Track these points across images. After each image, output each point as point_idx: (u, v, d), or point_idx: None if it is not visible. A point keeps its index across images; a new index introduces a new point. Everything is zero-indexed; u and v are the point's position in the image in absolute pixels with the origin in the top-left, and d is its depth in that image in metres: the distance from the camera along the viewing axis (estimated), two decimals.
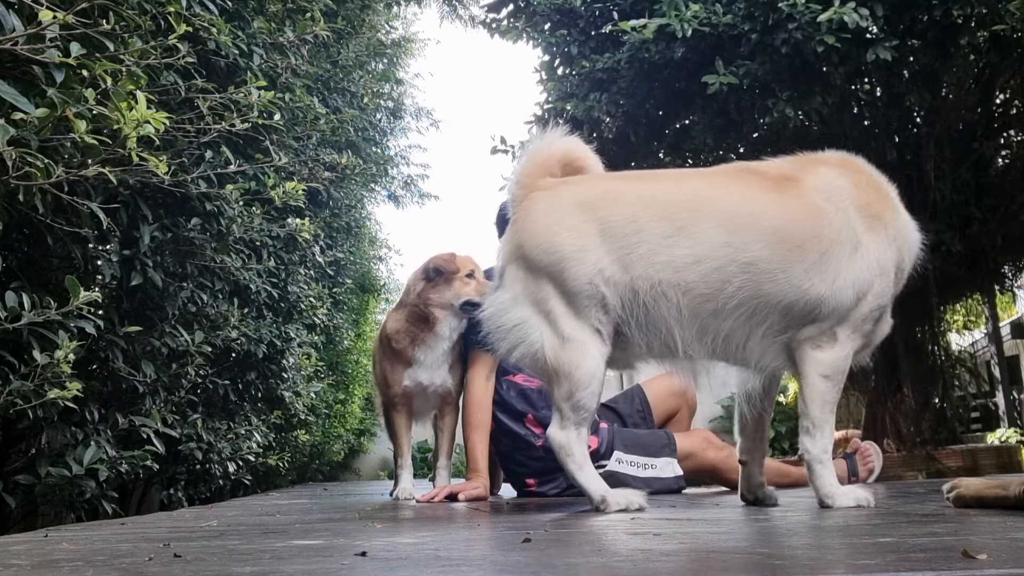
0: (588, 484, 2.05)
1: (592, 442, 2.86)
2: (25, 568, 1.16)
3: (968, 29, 4.21)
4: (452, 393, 3.32)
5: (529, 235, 2.09)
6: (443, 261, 3.25)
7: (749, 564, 1.03)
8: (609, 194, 2.13)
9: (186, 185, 2.56)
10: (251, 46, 2.99)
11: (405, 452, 3.35)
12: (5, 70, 1.80)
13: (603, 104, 4.61)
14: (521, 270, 2.09)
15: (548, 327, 2.05)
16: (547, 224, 2.08)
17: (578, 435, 2.05)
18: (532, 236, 2.08)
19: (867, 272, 1.99)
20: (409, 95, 10.90)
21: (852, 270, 1.98)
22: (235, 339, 3.54)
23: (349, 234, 6.94)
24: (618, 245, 2.02)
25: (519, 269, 2.09)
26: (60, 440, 2.46)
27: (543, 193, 2.14)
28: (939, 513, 1.70)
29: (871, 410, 5.52)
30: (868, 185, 2.10)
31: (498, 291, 2.13)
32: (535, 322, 2.06)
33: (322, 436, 7.99)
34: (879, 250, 2.02)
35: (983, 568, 0.90)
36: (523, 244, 2.09)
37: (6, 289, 1.95)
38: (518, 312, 2.07)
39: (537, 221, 2.10)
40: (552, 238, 2.06)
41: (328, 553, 1.26)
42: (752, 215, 2.02)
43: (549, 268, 2.05)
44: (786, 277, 1.97)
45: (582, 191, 2.14)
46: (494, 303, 2.12)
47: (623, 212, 2.05)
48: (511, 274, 2.11)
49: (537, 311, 2.06)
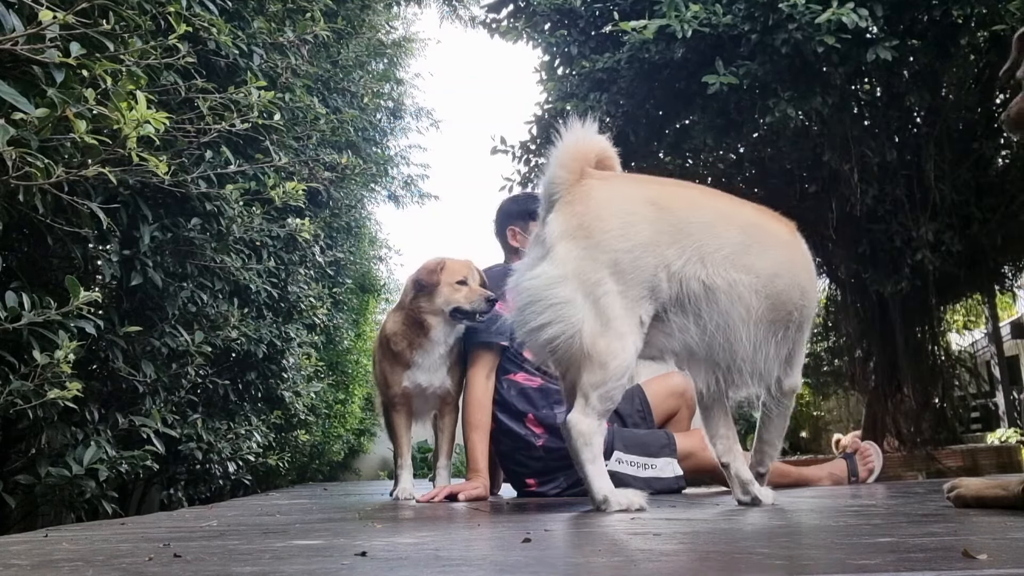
0: (595, 479, 2.02)
1: None
2: (25, 568, 1.16)
3: (968, 29, 4.21)
4: (452, 394, 3.32)
5: (597, 219, 2.08)
6: (425, 274, 3.22)
7: (749, 564, 1.02)
8: (683, 198, 2.26)
9: (186, 185, 2.56)
10: (251, 46, 2.99)
11: (405, 452, 3.35)
12: (5, 70, 1.80)
13: (603, 104, 4.61)
14: (580, 249, 2.06)
15: (593, 311, 2.02)
16: (621, 213, 2.11)
17: (599, 426, 2.02)
18: (602, 221, 2.08)
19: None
20: (409, 95, 10.92)
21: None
22: (235, 339, 3.54)
23: (349, 234, 6.95)
24: (695, 243, 2.11)
25: (577, 248, 2.06)
26: (60, 440, 2.46)
27: (602, 183, 2.17)
28: (939, 513, 1.70)
29: (871, 410, 5.53)
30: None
31: (543, 264, 2.07)
32: (580, 303, 2.02)
33: (322, 436, 8.00)
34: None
35: (983, 568, 0.90)
36: (589, 227, 2.07)
37: (6, 289, 1.95)
38: (565, 290, 2.02)
39: (607, 208, 2.11)
40: (628, 228, 2.08)
41: (328, 553, 1.26)
42: (798, 251, 2.34)
43: (618, 254, 2.05)
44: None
45: (651, 190, 2.23)
46: (540, 275, 2.06)
47: (702, 217, 2.17)
48: (564, 251, 2.06)
49: (586, 293, 2.03)
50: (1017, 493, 1.63)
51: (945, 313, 6.21)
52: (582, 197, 2.12)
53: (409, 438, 3.40)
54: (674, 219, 2.13)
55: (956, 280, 5.35)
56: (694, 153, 5.72)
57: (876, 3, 3.94)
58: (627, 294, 2.04)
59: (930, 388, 5.59)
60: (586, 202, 2.11)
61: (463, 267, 3.23)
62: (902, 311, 5.32)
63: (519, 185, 5.70)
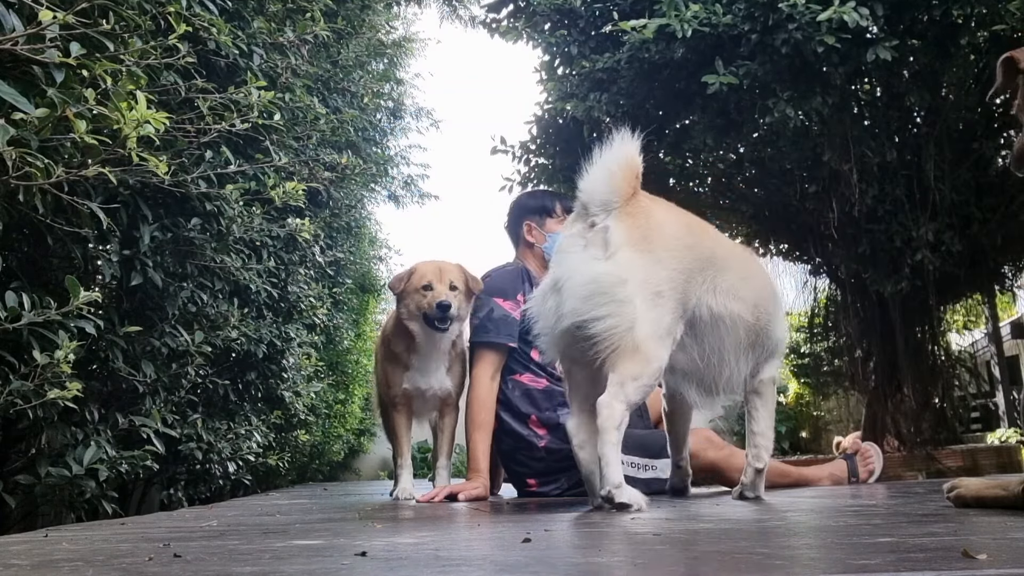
0: (613, 464, 2.06)
1: None
2: (25, 568, 1.16)
3: (968, 29, 4.21)
4: (452, 395, 3.32)
5: (659, 236, 2.25)
6: (394, 281, 3.21)
7: (749, 564, 1.02)
8: (706, 230, 2.53)
9: (186, 185, 2.56)
10: (251, 46, 2.99)
11: (405, 452, 3.35)
12: (5, 70, 1.80)
13: (603, 104, 4.61)
14: (643, 260, 2.20)
15: (648, 316, 2.15)
16: (675, 235, 2.31)
17: (625, 416, 2.10)
18: (663, 240, 2.26)
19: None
20: (409, 95, 10.90)
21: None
22: (235, 339, 3.54)
23: (349, 234, 6.95)
24: (713, 274, 2.35)
25: (641, 259, 2.20)
26: (60, 440, 2.46)
27: (653, 203, 2.36)
28: (939, 513, 1.70)
29: (871, 410, 5.52)
30: None
31: (607, 264, 2.18)
32: (639, 306, 2.14)
33: (322, 436, 7.99)
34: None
35: (983, 568, 0.90)
36: (652, 241, 2.23)
37: (6, 289, 1.95)
38: (627, 291, 2.14)
39: (665, 228, 2.30)
40: (680, 251, 2.28)
41: (328, 553, 1.26)
42: (769, 280, 2.69)
43: (673, 273, 2.23)
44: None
45: (687, 218, 2.45)
46: (607, 273, 2.17)
47: (718, 251, 2.43)
48: (628, 258, 2.19)
49: (644, 299, 2.16)
50: (1017, 493, 1.63)
51: (945, 313, 6.21)
52: (643, 212, 2.29)
53: (409, 438, 3.40)
54: (704, 249, 2.36)
55: (956, 280, 5.35)
56: (694, 153, 5.71)
57: (876, 3, 3.93)
58: (675, 311, 2.23)
59: (930, 388, 5.58)
60: (647, 218, 2.28)
61: (431, 271, 3.17)
62: (902, 311, 5.32)
63: (519, 185, 5.70)
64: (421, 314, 3.14)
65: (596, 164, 2.28)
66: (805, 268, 6.74)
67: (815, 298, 6.74)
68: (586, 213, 2.26)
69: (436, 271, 3.17)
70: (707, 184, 6.27)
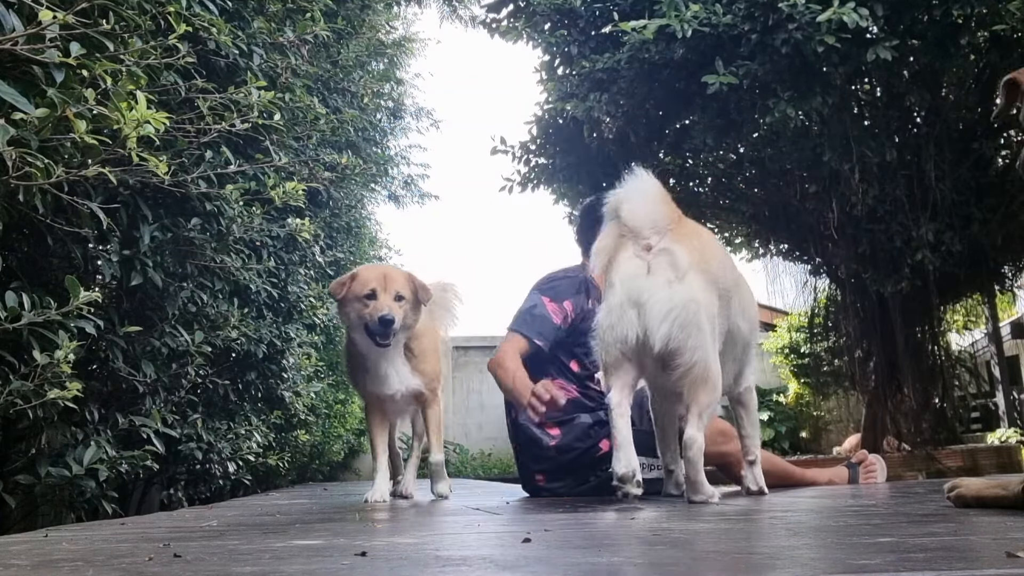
0: (706, 481, 2.31)
1: (603, 445, 2.86)
2: (25, 568, 1.16)
3: (968, 29, 4.21)
4: (424, 391, 3.10)
5: (712, 256, 2.39)
6: (335, 286, 2.97)
7: (749, 564, 1.03)
8: (725, 251, 2.84)
9: (186, 185, 2.56)
10: (251, 46, 2.98)
11: (379, 453, 3.13)
12: (5, 70, 1.80)
13: (603, 104, 4.61)
14: (703, 281, 2.30)
15: (711, 339, 2.28)
16: (720, 255, 2.51)
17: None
18: (715, 259, 2.39)
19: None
20: (409, 95, 10.90)
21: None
22: (235, 339, 3.54)
23: (349, 234, 6.94)
24: (736, 293, 2.52)
25: (701, 279, 2.30)
26: (60, 440, 2.46)
27: (696, 224, 2.54)
28: (939, 513, 1.70)
29: (871, 410, 5.53)
30: None
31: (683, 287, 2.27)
32: (707, 331, 2.26)
33: (322, 436, 7.99)
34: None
35: (983, 568, 0.90)
36: (708, 261, 2.34)
37: (6, 289, 1.95)
38: (701, 317, 2.25)
39: (713, 247, 2.47)
40: (724, 271, 2.43)
41: (328, 553, 1.26)
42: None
43: (721, 291, 2.35)
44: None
45: (716, 238, 2.76)
46: (687, 300, 2.25)
47: (736, 271, 2.61)
48: (695, 280, 2.29)
49: (709, 321, 2.28)
50: (1017, 493, 1.63)
51: (945, 313, 6.21)
52: (694, 233, 2.42)
53: (385, 439, 3.20)
54: (734, 269, 2.55)
55: (956, 280, 5.35)
56: (694, 153, 5.72)
57: (876, 3, 3.94)
58: (719, 328, 2.35)
59: (930, 388, 5.59)
60: (700, 238, 2.42)
61: (375, 277, 2.92)
62: (902, 311, 5.32)
63: (519, 185, 5.70)
64: (363, 325, 2.90)
65: (634, 192, 2.39)
66: (805, 268, 6.75)
67: (815, 298, 6.75)
68: (636, 235, 2.34)
69: (381, 278, 2.91)
70: (707, 184, 6.27)
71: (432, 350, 3.18)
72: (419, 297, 2.98)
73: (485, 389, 11.63)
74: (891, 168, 4.89)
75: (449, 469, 11.29)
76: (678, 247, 2.31)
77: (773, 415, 10.89)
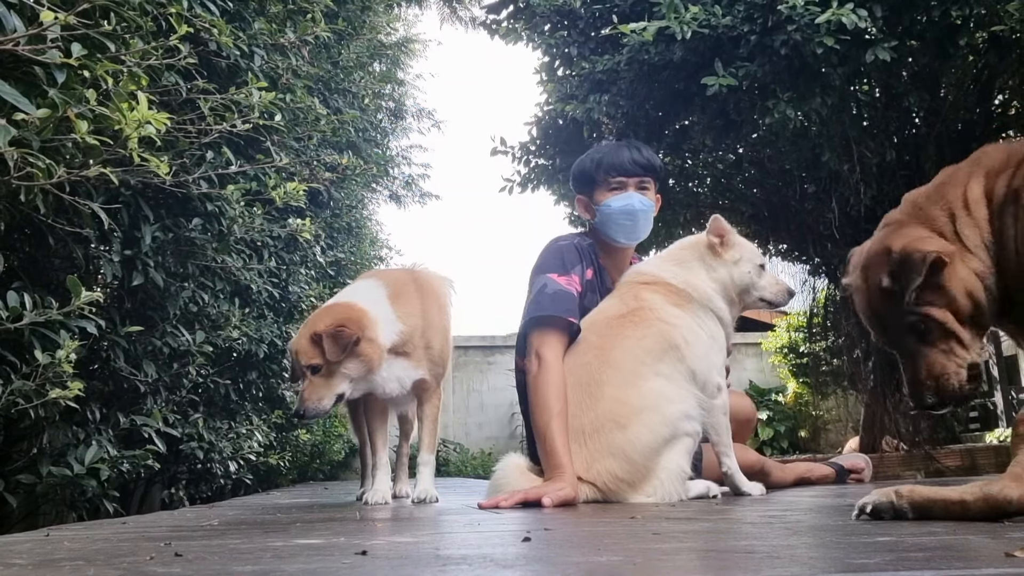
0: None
1: None
2: (26, 567, 1.17)
3: (967, 30, 4.21)
4: (428, 379, 2.84)
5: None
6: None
7: (749, 564, 1.03)
8: None
9: (187, 185, 2.57)
10: (252, 47, 2.99)
11: (379, 448, 2.94)
12: (6, 71, 1.80)
13: (603, 106, 4.61)
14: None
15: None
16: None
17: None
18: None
19: None
20: (410, 96, 10.93)
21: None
22: (236, 339, 3.55)
23: (350, 234, 6.95)
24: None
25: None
26: (61, 439, 2.47)
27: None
28: None
29: (870, 410, 5.53)
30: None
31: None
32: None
33: (323, 435, 8.00)
34: None
35: (982, 567, 0.91)
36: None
37: (8, 289, 1.95)
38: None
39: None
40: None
41: (329, 552, 1.27)
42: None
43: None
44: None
45: None
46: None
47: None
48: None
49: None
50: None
51: None
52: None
53: (385, 433, 3.00)
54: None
55: None
56: (694, 154, 5.72)
57: (875, 4, 3.94)
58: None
59: None
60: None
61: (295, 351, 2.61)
62: None
63: (519, 186, 5.70)
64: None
65: None
66: (805, 268, 6.75)
67: (814, 298, 6.75)
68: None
69: (295, 353, 2.59)
70: (707, 184, 6.27)
71: (439, 328, 2.88)
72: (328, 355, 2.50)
73: (485, 389, 11.63)
74: (890, 168, 4.89)
75: (449, 469, 11.24)
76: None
77: (772, 414, 10.90)
